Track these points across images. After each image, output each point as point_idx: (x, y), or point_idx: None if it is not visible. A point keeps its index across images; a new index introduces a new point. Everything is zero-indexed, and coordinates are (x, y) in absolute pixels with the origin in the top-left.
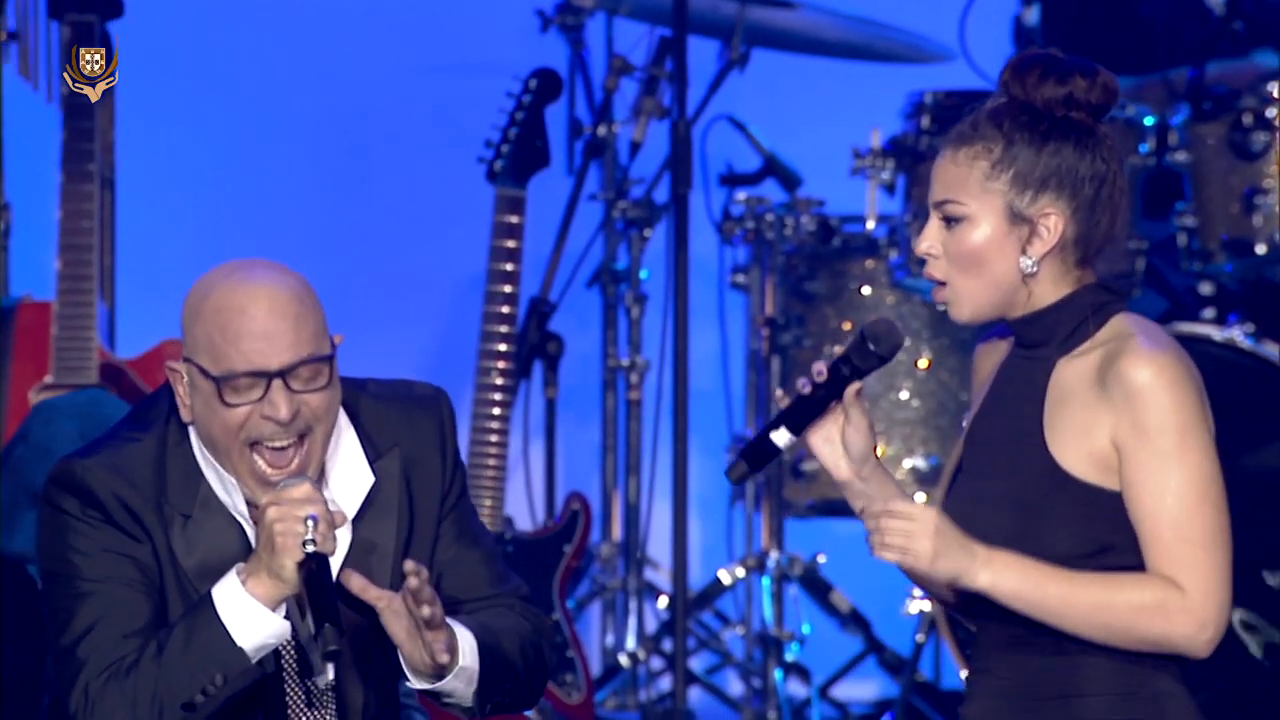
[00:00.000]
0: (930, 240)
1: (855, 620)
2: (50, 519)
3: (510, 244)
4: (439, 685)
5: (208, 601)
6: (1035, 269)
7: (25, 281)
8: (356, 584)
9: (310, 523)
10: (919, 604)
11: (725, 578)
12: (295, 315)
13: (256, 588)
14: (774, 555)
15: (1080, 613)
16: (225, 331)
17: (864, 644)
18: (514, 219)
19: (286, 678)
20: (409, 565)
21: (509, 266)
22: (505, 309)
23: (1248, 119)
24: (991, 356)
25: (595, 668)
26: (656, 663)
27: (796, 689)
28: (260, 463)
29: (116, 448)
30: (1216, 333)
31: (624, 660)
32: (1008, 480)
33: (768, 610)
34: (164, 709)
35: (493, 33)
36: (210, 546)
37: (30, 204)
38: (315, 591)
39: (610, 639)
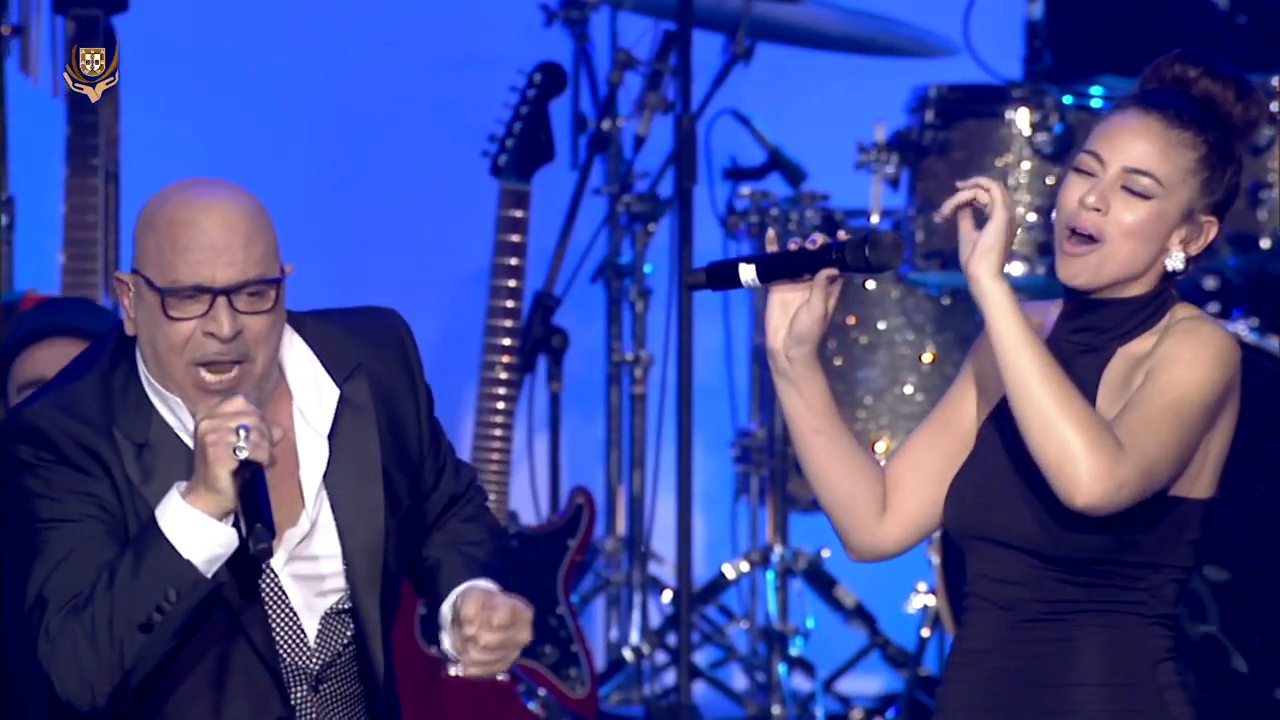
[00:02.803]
0: (1100, 196)
1: (859, 614)
2: (7, 473)
3: (514, 238)
4: None
5: (151, 522)
6: (1182, 267)
7: (29, 276)
8: (472, 609)
9: (242, 432)
10: (923, 598)
11: (729, 572)
12: (246, 233)
13: (196, 501)
14: (778, 549)
15: (1035, 378)
16: (175, 243)
17: (868, 638)
18: (518, 213)
19: (268, 601)
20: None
21: (513, 261)
22: (509, 303)
23: None
24: None
25: (599, 662)
26: (661, 657)
27: (801, 683)
28: (202, 373)
29: (61, 389)
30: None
31: (628, 655)
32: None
33: (772, 605)
34: (123, 635)
35: (497, 27)
36: (167, 473)
37: (34, 198)
38: (248, 498)
39: (614, 633)
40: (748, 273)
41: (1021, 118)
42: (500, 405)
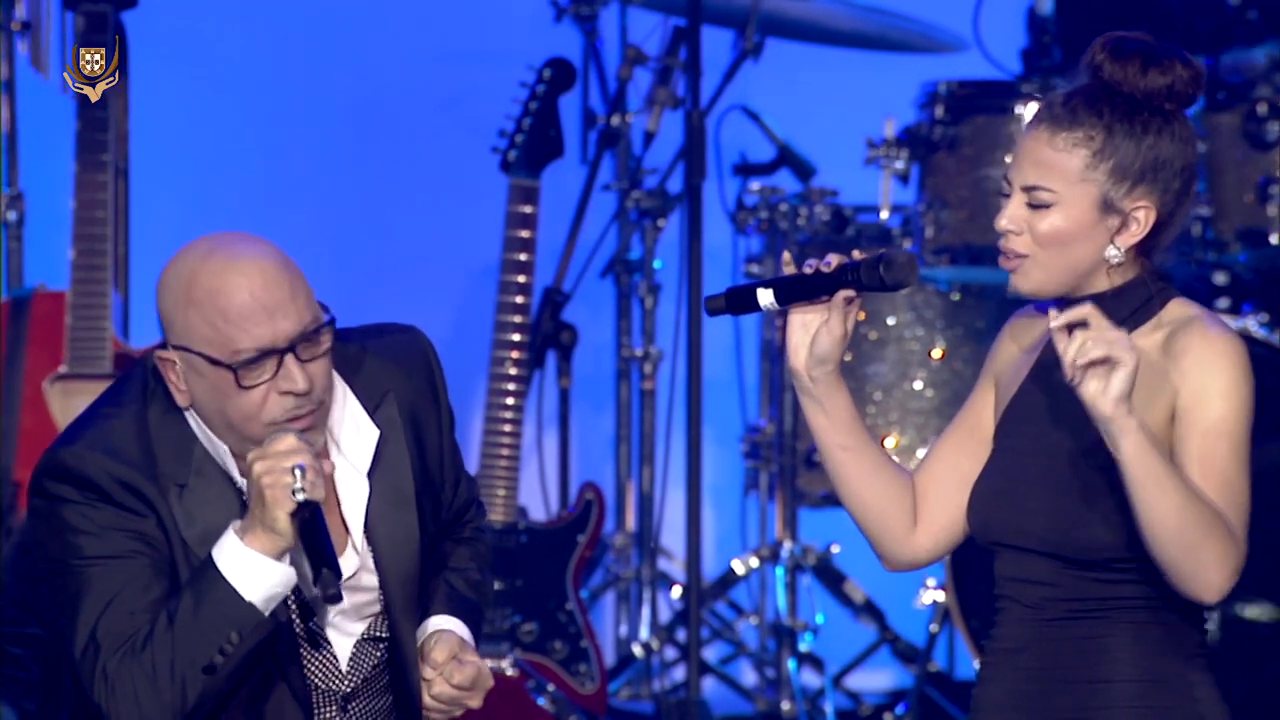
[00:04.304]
0: (1011, 219)
1: (869, 610)
2: (46, 510)
3: (524, 234)
4: None
5: (210, 563)
6: (1122, 259)
7: (39, 271)
8: (441, 656)
9: (298, 472)
10: (932, 594)
11: (739, 568)
12: (289, 284)
13: (254, 542)
14: (788, 545)
15: (1176, 512)
16: (227, 315)
17: (878, 634)
18: (528, 209)
19: (306, 632)
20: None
21: (523, 256)
22: (519, 299)
23: (1262, 109)
24: (1027, 332)
25: (609, 658)
26: (670, 653)
27: (810, 679)
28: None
29: (99, 427)
30: (1230, 322)
31: (638, 650)
32: (1051, 461)
33: (781, 600)
34: (185, 677)
35: (506, 22)
36: (210, 514)
37: (44, 194)
38: (310, 539)
39: (624, 629)
40: (766, 297)
41: (1031, 113)
42: (510, 401)
